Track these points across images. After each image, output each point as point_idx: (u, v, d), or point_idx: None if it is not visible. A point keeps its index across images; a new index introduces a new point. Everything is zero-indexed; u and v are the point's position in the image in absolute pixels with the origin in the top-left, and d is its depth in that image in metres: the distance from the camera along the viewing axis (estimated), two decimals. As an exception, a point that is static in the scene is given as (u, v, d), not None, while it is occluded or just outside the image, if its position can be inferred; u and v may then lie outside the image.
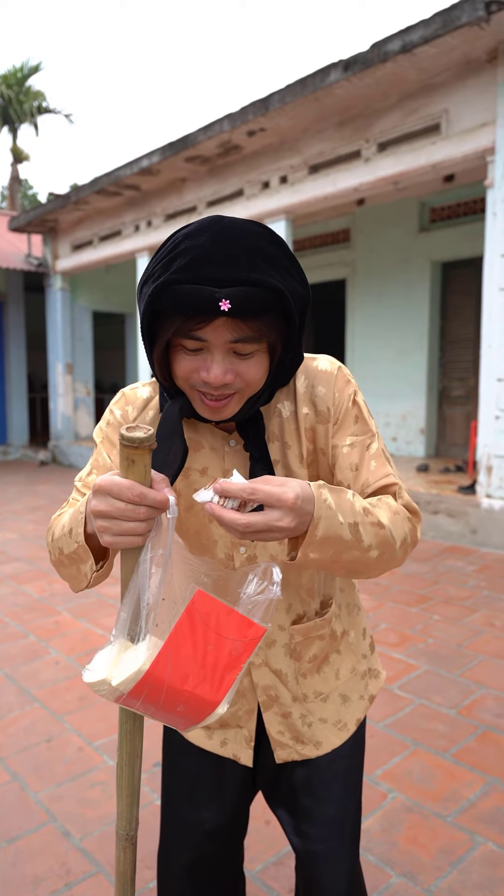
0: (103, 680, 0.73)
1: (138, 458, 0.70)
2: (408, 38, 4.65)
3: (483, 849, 1.78)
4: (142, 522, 0.71)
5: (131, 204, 8.32)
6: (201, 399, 0.84)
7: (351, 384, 0.95)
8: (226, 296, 0.74)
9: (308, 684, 1.05)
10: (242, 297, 0.75)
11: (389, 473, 0.93)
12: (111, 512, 0.71)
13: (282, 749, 1.05)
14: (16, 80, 20.61)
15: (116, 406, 0.99)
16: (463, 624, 3.39)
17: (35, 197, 27.72)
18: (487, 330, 4.92)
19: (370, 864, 1.72)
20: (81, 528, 0.81)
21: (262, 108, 5.76)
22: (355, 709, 1.09)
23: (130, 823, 0.90)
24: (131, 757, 0.86)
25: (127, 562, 0.76)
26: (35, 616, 3.59)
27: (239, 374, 0.82)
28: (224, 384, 0.81)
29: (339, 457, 0.94)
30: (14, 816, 1.94)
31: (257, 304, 0.76)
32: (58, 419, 10.26)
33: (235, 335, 0.78)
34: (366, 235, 7.98)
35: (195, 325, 0.77)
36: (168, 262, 0.78)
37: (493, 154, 4.83)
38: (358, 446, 0.94)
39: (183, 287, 0.76)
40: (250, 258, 0.77)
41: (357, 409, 0.94)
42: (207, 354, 0.80)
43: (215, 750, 1.07)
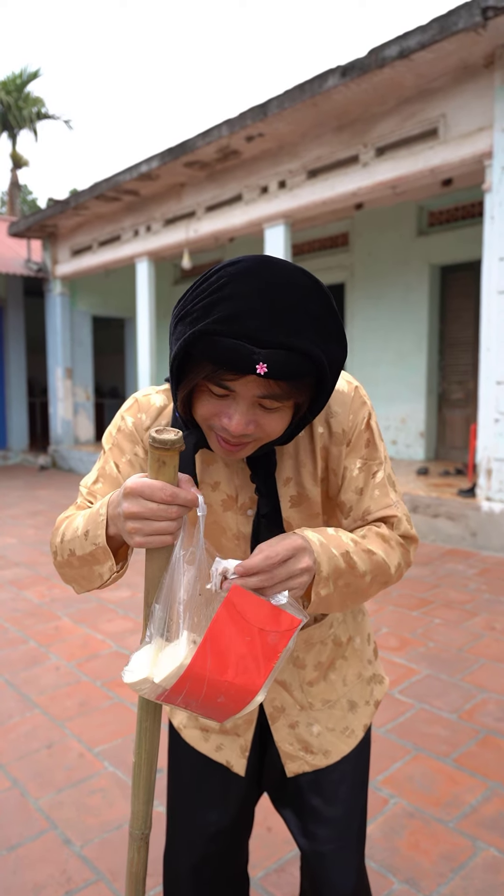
0: (145, 678, 0.75)
1: (169, 460, 0.73)
2: (405, 43, 4.67)
3: (485, 854, 1.77)
4: (173, 522, 0.73)
5: (130, 209, 8.34)
6: (218, 440, 0.83)
7: (366, 406, 0.95)
8: (264, 358, 0.72)
9: (314, 692, 1.05)
10: (280, 360, 0.72)
11: (391, 504, 0.95)
12: (143, 513, 0.73)
13: (292, 761, 1.06)
14: (15, 86, 20.68)
15: (129, 413, 0.98)
16: (464, 628, 3.39)
17: (34, 202, 27.79)
18: (486, 333, 4.93)
19: (372, 870, 1.72)
20: (102, 530, 0.81)
21: (260, 113, 5.78)
22: (362, 715, 1.09)
23: (146, 822, 0.91)
24: (150, 755, 0.87)
25: (152, 561, 0.77)
26: (35, 621, 3.59)
27: (260, 425, 0.80)
28: (243, 434, 0.80)
29: (346, 479, 0.94)
30: (14, 823, 1.93)
31: (294, 369, 0.74)
32: (57, 424, 10.26)
33: (264, 392, 0.77)
34: (364, 239, 8.00)
35: (226, 377, 0.76)
36: (209, 305, 0.74)
37: (490, 158, 4.84)
38: (364, 471, 0.94)
39: (222, 340, 0.73)
40: (295, 319, 0.73)
41: (369, 432, 0.95)
42: (232, 402, 0.79)
43: (209, 754, 1.08)
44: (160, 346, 10.72)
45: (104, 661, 3.06)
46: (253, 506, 0.95)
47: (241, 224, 6.90)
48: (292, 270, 0.76)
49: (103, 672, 2.93)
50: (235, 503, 0.96)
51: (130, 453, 0.96)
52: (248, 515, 0.96)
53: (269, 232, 6.64)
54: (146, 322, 8.38)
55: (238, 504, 0.96)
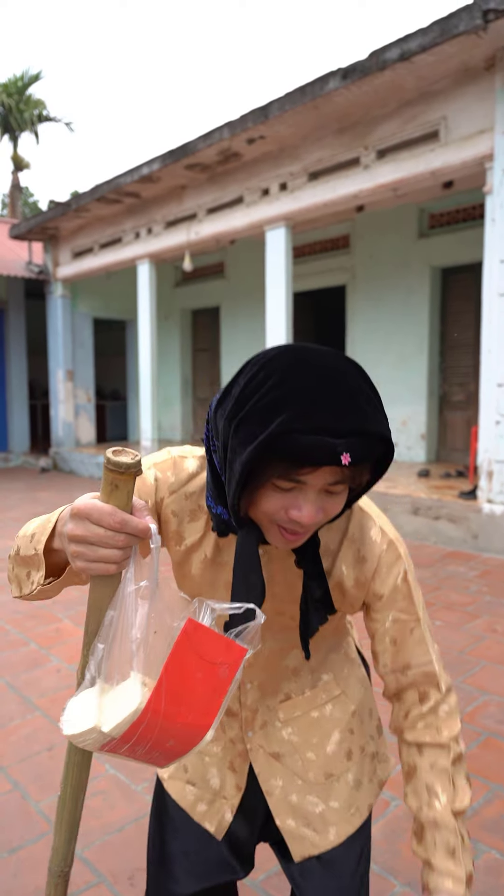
0: (92, 728, 0.68)
1: (122, 484, 0.67)
2: (406, 46, 4.68)
3: (487, 857, 1.77)
4: (119, 550, 0.67)
5: (131, 211, 8.36)
6: (280, 532, 0.81)
7: (401, 561, 0.93)
8: (346, 448, 0.71)
9: (317, 765, 1.02)
10: (359, 447, 0.72)
11: (431, 661, 0.94)
12: (88, 537, 0.67)
13: (295, 842, 1.01)
14: (16, 89, 20.74)
15: (159, 468, 0.93)
16: (465, 630, 3.38)
17: (36, 205, 27.84)
18: (487, 335, 4.93)
19: (373, 872, 1.71)
20: (45, 537, 0.77)
21: (261, 115, 5.79)
22: (367, 793, 1.05)
23: (66, 860, 0.87)
24: (76, 790, 0.82)
25: (95, 589, 0.71)
26: (36, 624, 3.59)
27: (326, 510, 0.79)
28: (314, 523, 0.79)
29: (378, 630, 0.94)
30: (15, 826, 1.93)
31: (369, 454, 0.74)
32: (59, 426, 10.27)
33: (336, 478, 0.76)
34: (365, 241, 8.01)
35: (304, 471, 0.74)
36: (272, 403, 0.72)
37: (491, 161, 4.85)
38: (400, 624, 0.93)
39: (302, 437, 0.71)
40: (360, 403, 0.73)
41: (406, 587, 0.93)
42: (300, 494, 0.76)
43: (188, 810, 1.04)
44: (161, 348, 10.73)
45: (105, 663, 3.06)
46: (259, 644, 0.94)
47: (242, 226, 6.91)
48: (332, 354, 0.77)
49: (104, 674, 2.93)
50: None
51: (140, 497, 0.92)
52: None
53: (269, 234, 6.65)
54: (147, 324, 8.39)
55: None
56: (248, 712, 1.02)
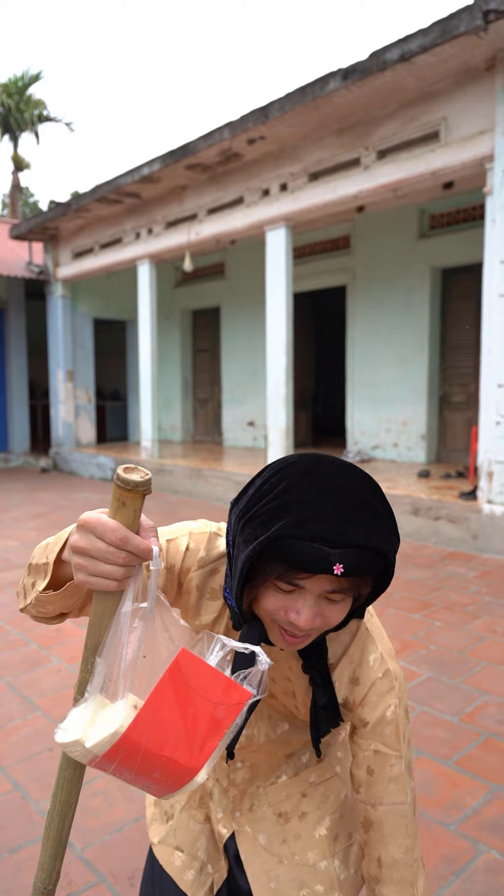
0: (77, 741, 0.69)
1: (129, 502, 0.67)
2: (406, 46, 4.68)
3: (486, 857, 1.77)
4: (119, 567, 0.68)
5: (132, 211, 8.36)
6: (282, 633, 0.83)
7: (393, 692, 0.92)
8: (339, 559, 0.74)
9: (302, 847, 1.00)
10: (354, 559, 0.75)
11: (405, 802, 0.92)
12: (90, 550, 0.67)
13: None
14: (16, 89, 20.75)
15: (193, 539, 0.95)
16: (465, 630, 3.38)
17: (36, 205, 27.85)
18: (487, 335, 4.93)
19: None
20: (58, 547, 0.79)
21: (261, 116, 5.79)
22: (352, 883, 1.03)
23: (51, 877, 0.85)
24: (64, 807, 0.81)
25: (97, 604, 0.72)
26: (36, 624, 3.59)
27: (325, 617, 0.81)
28: (311, 628, 0.81)
29: (358, 753, 0.94)
30: (16, 826, 1.93)
31: (366, 566, 0.76)
32: (59, 426, 10.27)
33: (334, 587, 0.78)
34: (366, 242, 8.01)
35: (300, 576, 0.77)
36: (277, 508, 0.76)
37: (491, 161, 4.85)
38: (381, 757, 0.92)
39: (298, 543, 0.74)
40: (362, 517, 0.76)
41: (395, 721, 0.92)
42: (299, 597, 0.79)
43: (176, 878, 1.03)
44: (161, 348, 10.74)
45: (105, 663, 3.06)
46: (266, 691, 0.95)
47: (242, 227, 6.92)
48: (347, 468, 0.79)
49: (104, 674, 2.93)
50: None
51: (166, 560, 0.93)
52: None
53: (270, 234, 6.66)
54: (147, 324, 8.39)
55: None
56: (237, 791, 1.02)
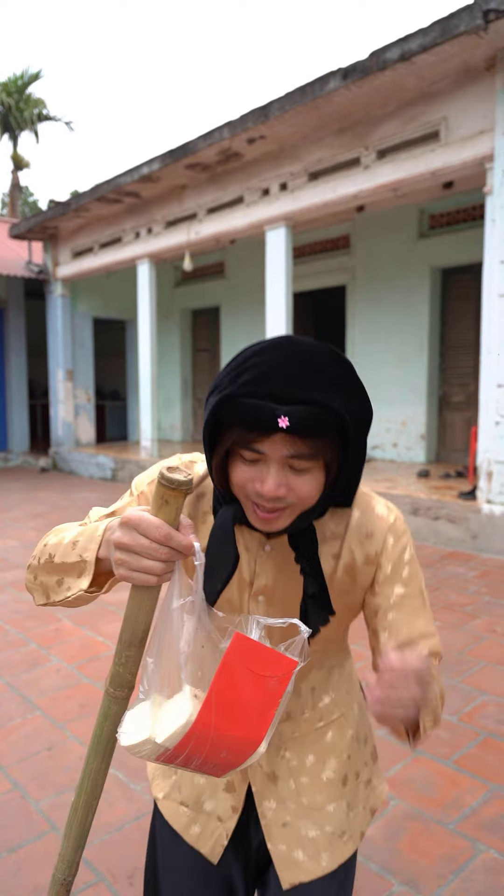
0: (146, 739, 0.71)
1: (172, 500, 0.71)
2: (406, 46, 4.68)
3: (485, 856, 1.77)
4: (161, 563, 0.72)
5: (132, 211, 8.36)
6: (254, 509, 0.85)
7: (407, 534, 0.96)
8: (285, 413, 0.76)
9: (312, 791, 1.01)
10: (301, 415, 0.76)
11: (433, 634, 0.95)
12: (133, 546, 0.72)
13: (287, 868, 0.99)
14: (16, 88, 20.73)
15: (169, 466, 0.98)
16: (464, 630, 3.39)
17: (35, 204, 27.83)
18: (487, 335, 4.93)
19: (372, 872, 1.72)
20: (95, 545, 0.81)
21: (261, 115, 5.79)
22: (360, 820, 1.05)
23: (70, 868, 0.85)
24: (90, 798, 0.82)
25: (134, 599, 0.75)
26: (36, 624, 3.59)
27: (292, 488, 0.82)
28: (277, 497, 0.81)
29: (381, 606, 0.95)
30: (15, 825, 1.93)
31: (315, 424, 0.77)
32: (58, 426, 10.27)
33: (292, 451, 0.79)
34: (365, 242, 8.01)
35: (254, 438, 0.79)
36: (235, 376, 0.80)
37: (491, 161, 4.85)
38: (405, 600, 0.94)
39: (246, 401, 0.78)
40: (314, 378, 0.78)
41: (411, 563, 0.96)
42: (264, 466, 0.81)
43: (182, 833, 1.02)
44: (161, 348, 10.74)
45: (104, 662, 3.06)
46: (265, 592, 0.95)
47: (242, 226, 6.91)
48: (315, 344, 0.82)
49: (104, 674, 2.93)
50: (249, 588, 0.95)
51: None
52: (259, 601, 0.95)
53: (270, 234, 6.66)
54: (147, 324, 8.39)
55: (252, 589, 0.95)
56: None
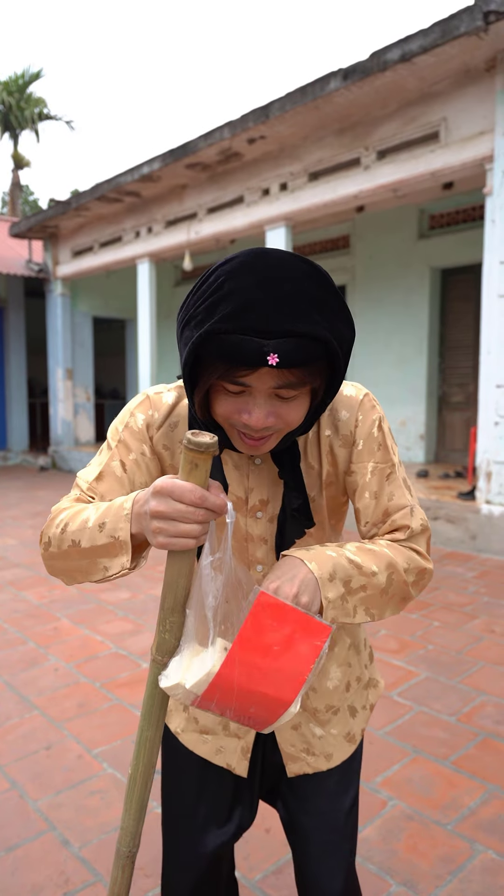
0: (178, 684, 0.75)
1: (202, 463, 0.72)
2: (407, 47, 4.68)
3: (483, 857, 1.77)
4: (198, 525, 0.72)
5: (132, 210, 8.36)
6: (241, 437, 0.84)
7: (376, 410, 0.95)
8: (273, 349, 0.73)
9: (318, 698, 1.05)
10: (290, 348, 0.73)
11: (407, 505, 0.94)
12: (170, 513, 0.72)
13: (293, 762, 1.05)
14: (17, 87, 20.72)
15: (139, 410, 0.96)
16: (463, 630, 3.39)
17: (36, 203, 27.81)
18: (487, 336, 4.93)
19: (370, 872, 1.72)
20: (126, 524, 0.80)
21: (262, 115, 5.79)
22: (361, 720, 1.10)
23: (134, 840, 0.87)
24: (147, 768, 0.84)
25: (173, 565, 0.77)
26: (34, 622, 3.59)
27: (280, 416, 0.81)
28: (265, 427, 0.80)
29: (358, 483, 0.94)
30: (13, 824, 1.93)
31: (304, 355, 0.74)
32: (58, 424, 10.27)
33: (279, 382, 0.77)
34: (365, 242, 8.01)
35: (240, 373, 0.76)
36: (211, 305, 0.75)
37: (491, 162, 4.85)
38: (378, 474, 0.93)
39: (228, 337, 0.73)
40: (298, 304, 0.74)
41: (381, 435, 0.94)
42: (249, 398, 0.79)
43: (209, 757, 1.06)
44: (161, 347, 10.73)
45: (103, 662, 3.06)
46: (262, 508, 0.95)
47: (242, 226, 6.91)
48: (287, 258, 0.77)
49: (102, 673, 2.93)
50: (245, 505, 0.96)
51: (137, 452, 0.94)
52: (258, 518, 0.96)
53: (270, 234, 6.65)
54: (147, 323, 8.39)
55: (248, 507, 0.96)
56: None
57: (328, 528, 1.01)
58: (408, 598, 0.92)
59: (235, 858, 1.66)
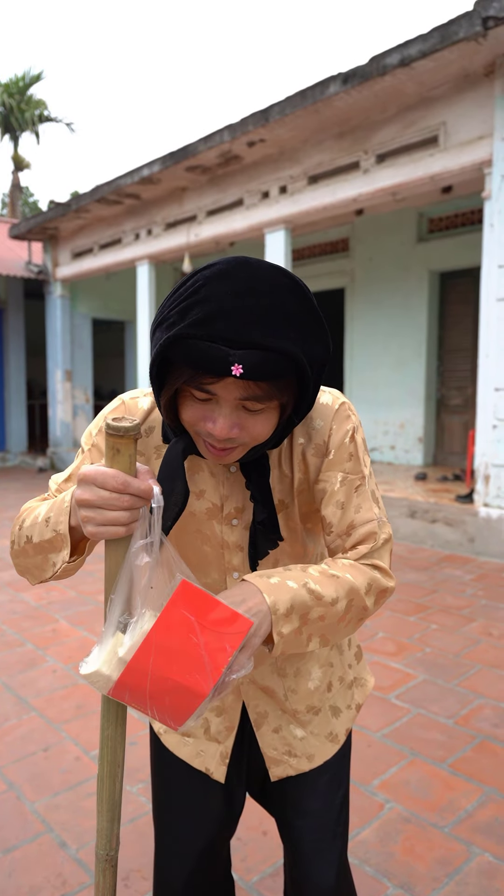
0: (96, 671, 0.74)
1: (123, 448, 0.71)
2: (406, 52, 4.70)
3: (480, 860, 1.77)
4: (125, 512, 0.71)
5: (131, 212, 8.37)
6: (206, 445, 0.83)
7: (350, 420, 0.93)
8: (239, 360, 0.71)
9: (298, 699, 1.05)
10: (256, 361, 0.71)
11: (373, 519, 0.92)
12: (95, 501, 0.71)
13: (276, 766, 1.06)
14: (17, 89, 20.74)
15: (113, 415, 0.96)
16: (461, 633, 3.39)
17: (36, 204, 27.83)
18: (485, 339, 4.95)
19: (367, 875, 1.72)
20: (65, 517, 0.80)
21: (262, 119, 5.81)
22: (345, 719, 1.10)
23: (111, 842, 0.85)
24: (112, 767, 0.82)
25: (111, 555, 0.75)
26: (32, 624, 3.59)
27: (245, 428, 0.79)
28: (229, 438, 0.79)
29: (326, 491, 0.92)
30: (10, 826, 1.93)
31: (271, 369, 0.72)
32: (56, 426, 10.27)
33: (245, 393, 0.76)
34: (365, 245, 8.03)
35: (205, 380, 0.75)
36: (184, 308, 0.74)
37: (490, 166, 4.87)
38: (347, 484, 0.92)
39: (196, 343, 0.72)
40: (271, 318, 0.72)
41: (353, 446, 0.92)
42: (215, 406, 0.78)
43: (188, 760, 1.07)
44: (160, 349, 10.72)
45: (101, 663, 3.06)
46: (238, 515, 0.95)
47: (241, 229, 6.93)
48: (269, 270, 0.75)
49: (100, 675, 2.93)
50: (221, 512, 0.95)
51: None
52: (234, 525, 0.95)
53: (269, 237, 6.67)
54: (146, 325, 8.40)
55: (223, 514, 0.95)
56: None
57: (302, 533, 1.00)
58: (365, 618, 0.91)
59: (233, 860, 1.66)
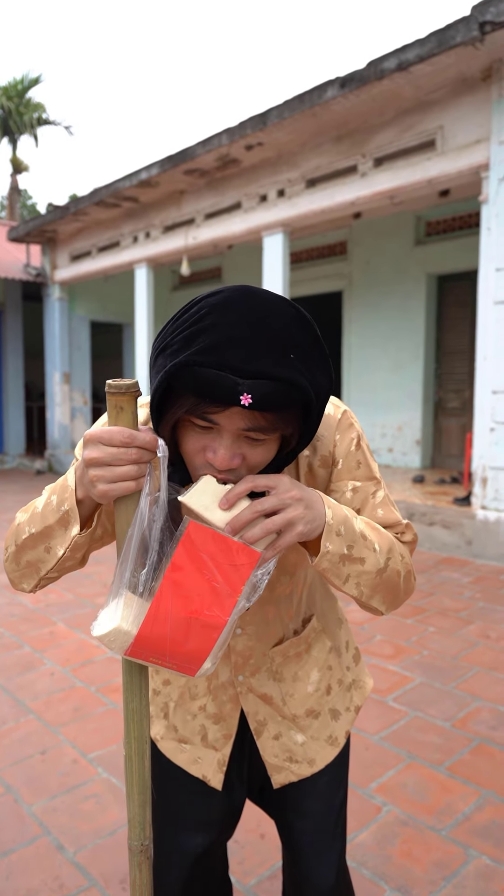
0: (115, 628, 0.73)
1: (126, 405, 0.72)
2: (403, 56, 4.72)
3: (477, 863, 1.78)
4: (134, 466, 0.72)
5: (130, 215, 8.38)
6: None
7: (354, 428, 0.94)
8: (248, 389, 0.69)
9: (297, 704, 1.06)
10: (266, 391, 0.70)
11: (399, 522, 0.95)
12: (104, 458, 0.72)
13: (278, 773, 1.06)
14: (16, 92, 20.76)
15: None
16: (458, 636, 3.40)
17: (34, 207, 27.84)
18: (482, 342, 4.96)
19: (364, 878, 1.72)
20: (70, 493, 0.80)
21: (260, 122, 5.82)
22: (344, 722, 1.11)
23: (144, 831, 0.79)
24: (140, 743, 0.78)
25: (121, 515, 0.75)
26: (30, 626, 3.58)
27: (246, 458, 0.78)
28: (229, 469, 0.78)
29: (340, 501, 0.93)
30: (7, 829, 1.93)
31: (279, 400, 0.71)
32: (55, 428, 10.27)
33: (249, 424, 0.74)
34: (362, 248, 8.05)
35: (210, 410, 0.73)
36: (190, 336, 0.72)
37: (487, 170, 4.89)
38: (361, 492, 0.93)
39: (204, 371, 0.70)
40: (279, 348, 0.71)
41: (360, 453, 0.93)
42: (217, 436, 0.76)
43: (185, 766, 1.07)
44: (158, 351, 10.73)
45: (99, 666, 3.06)
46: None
47: (239, 232, 6.94)
48: (274, 300, 0.75)
49: (98, 677, 2.93)
50: None
51: None
52: None
53: (267, 240, 6.68)
54: (144, 328, 8.41)
55: None
56: (238, 658, 1.03)
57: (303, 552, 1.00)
58: (396, 593, 0.91)
59: (230, 863, 1.66)
